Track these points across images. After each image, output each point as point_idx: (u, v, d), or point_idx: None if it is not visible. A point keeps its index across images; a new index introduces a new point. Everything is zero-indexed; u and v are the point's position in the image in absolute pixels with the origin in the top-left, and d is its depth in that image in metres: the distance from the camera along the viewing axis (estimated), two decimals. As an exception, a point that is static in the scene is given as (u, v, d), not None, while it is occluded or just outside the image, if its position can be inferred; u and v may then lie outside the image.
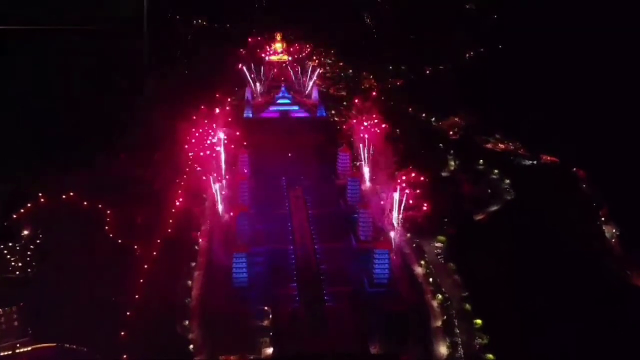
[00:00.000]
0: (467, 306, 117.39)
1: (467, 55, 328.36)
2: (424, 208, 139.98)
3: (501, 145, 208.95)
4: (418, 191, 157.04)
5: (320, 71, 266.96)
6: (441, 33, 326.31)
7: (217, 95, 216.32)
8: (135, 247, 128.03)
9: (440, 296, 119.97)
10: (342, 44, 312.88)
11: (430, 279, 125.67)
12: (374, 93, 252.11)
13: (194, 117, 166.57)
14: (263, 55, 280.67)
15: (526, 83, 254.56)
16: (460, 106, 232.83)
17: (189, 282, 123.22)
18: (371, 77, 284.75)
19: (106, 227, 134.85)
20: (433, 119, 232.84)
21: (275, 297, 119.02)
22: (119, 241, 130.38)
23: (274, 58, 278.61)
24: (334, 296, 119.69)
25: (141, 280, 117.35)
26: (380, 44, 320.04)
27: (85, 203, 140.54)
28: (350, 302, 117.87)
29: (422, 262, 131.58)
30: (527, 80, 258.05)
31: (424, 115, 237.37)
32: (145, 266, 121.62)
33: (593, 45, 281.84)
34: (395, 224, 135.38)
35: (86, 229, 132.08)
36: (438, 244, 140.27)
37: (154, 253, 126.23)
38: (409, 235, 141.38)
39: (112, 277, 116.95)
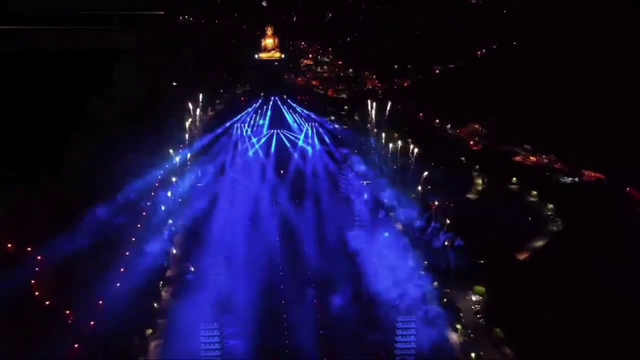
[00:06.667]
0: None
1: (479, 52, 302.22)
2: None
3: (532, 158, 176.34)
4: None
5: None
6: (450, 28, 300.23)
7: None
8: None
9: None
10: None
11: (473, 354, 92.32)
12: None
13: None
14: None
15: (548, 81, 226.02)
16: (477, 110, 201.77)
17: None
18: (374, 77, 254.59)
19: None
20: (449, 125, 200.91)
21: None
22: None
23: (264, 55, 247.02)
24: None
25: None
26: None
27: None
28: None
29: (458, 326, 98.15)
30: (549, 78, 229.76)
31: (437, 121, 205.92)
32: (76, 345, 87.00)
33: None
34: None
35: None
36: (475, 297, 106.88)
37: (92, 322, 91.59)
38: (435, 284, 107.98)
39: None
